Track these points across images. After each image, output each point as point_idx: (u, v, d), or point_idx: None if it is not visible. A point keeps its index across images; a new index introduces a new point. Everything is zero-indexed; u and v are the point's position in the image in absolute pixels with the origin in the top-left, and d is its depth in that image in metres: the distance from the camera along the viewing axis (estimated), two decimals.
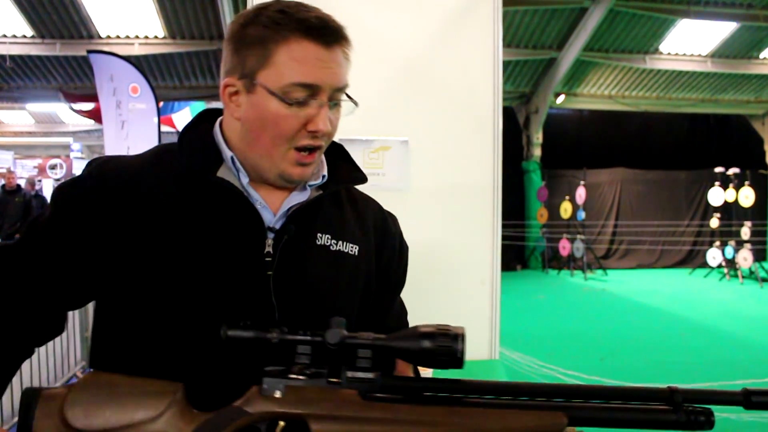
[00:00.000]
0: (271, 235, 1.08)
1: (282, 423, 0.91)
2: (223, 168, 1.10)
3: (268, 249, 1.07)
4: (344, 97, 1.11)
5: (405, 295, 1.37)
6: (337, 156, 1.24)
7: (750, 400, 0.88)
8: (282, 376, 0.91)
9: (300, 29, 1.02)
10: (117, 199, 1.05)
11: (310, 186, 1.14)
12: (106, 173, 1.08)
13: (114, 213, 1.04)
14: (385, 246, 1.25)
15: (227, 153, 1.10)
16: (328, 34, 1.05)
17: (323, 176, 1.16)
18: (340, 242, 1.15)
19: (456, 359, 0.88)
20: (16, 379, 1.09)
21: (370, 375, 0.90)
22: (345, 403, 0.89)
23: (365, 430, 0.88)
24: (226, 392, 0.94)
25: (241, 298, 1.04)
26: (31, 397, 0.92)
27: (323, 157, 1.19)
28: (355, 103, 1.13)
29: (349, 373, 0.90)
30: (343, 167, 1.22)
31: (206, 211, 1.06)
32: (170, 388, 0.94)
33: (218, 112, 1.18)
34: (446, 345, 0.88)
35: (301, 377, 0.91)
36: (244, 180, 1.09)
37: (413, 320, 1.40)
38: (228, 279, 1.04)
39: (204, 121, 1.17)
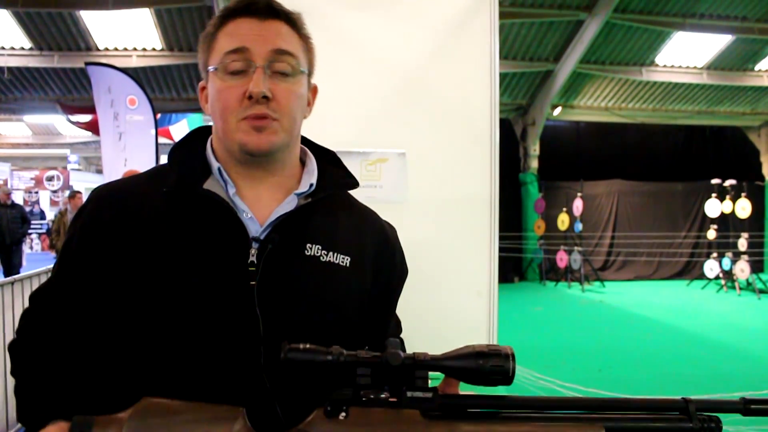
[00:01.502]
0: (255, 245, 1.08)
1: None
2: (210, 180, 1.11)
3: (252, 259, 1.07)
4: (289, 67, 1.10)
5: (403, 306, 1.36)
6: (328, 162, 1.23)
7: (749, 408, 0.96)
8: (345, 398, 0.92)
9: (234, 12, 1.10)
10: (112, 224, 1.08)
11: (297, 195, 1.14)
12: (102, 200, 1.12)
13: (111, 237, 1.07)
14: (383, 258, 1.24)
15: (215, 165, 1.12)
16: (260, 9, 1.10)
17: (311, 185, 1.16)
18: (331, 253, 1.14)
19: (507, 378, 0.93)
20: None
21: (428, 394, 0.92)
22: (408, 423, 0.91)
23: None
24: (287, 415, 0.98)
25: (225, 309, 1.04)
26: (84, 425, 0.90)
27: (313, 165, 1.20)
28: (306, 72, 1.14)
29: (409, 393, 0.92)
30: (333, 173, 1.22)
31: (193, 223, 1.08)
32: (232, 414, 0.92)
33: (209, 131, 1.20)
34: (500, 365, 0.92)
35: (364, 398, 0.92)
36: (231, 191, 1.10)
37: (412, 330, 1.39)
38: (212, 290, 1.05)
39: (195, 138, 1.20)
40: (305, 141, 1.24)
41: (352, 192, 1.27)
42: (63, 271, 1.11)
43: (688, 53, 12.36)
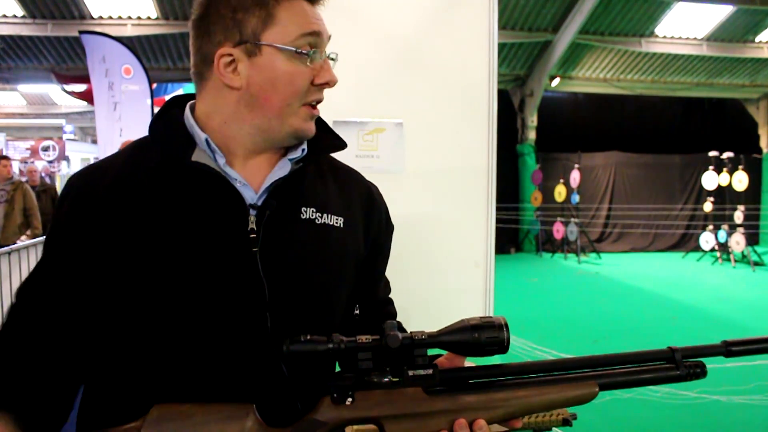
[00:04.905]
0: (253, 212, 1.07)
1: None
2: (197, 151, 1.09)
3: (252, 226, 1.06)
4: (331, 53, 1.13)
5: (401, 276, 1.37)
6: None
7: (731, 350, 1.02)
8: (349, 383, 0.95)
9: None
10: (101, 203, 1.05)
11: (290, 160, 1.14)
12: (86, 181, 1.09)
13: (101, 217, 1.04)
14: (372, 217, 1.25)
15: (201, 135, 1.09)
16: None
17: (302, 149, 1.16)
18: (325, 215, 1.15)
19: (503, 347, 0.96)
20: None
21: (429, 371, 0.96)
22: (412, 400, 0.95)
23: (434, 422, 0.95)
24: (296, 405, 1.00)
25: (229, 278, 1.04)
26: None
27: None
28: (334, 59, 1.15)
29: (410, 372, 0.96)
30: (321, 137, 1.21)
31: (186, 196, 1.06)
32: (243, 411, 0.95)
33: (186, 98, 1.17)
34: (495, 335, 0.96)
35: (367, 381, 0.96)
36: (221, 161, 1.09)
37: (408, 301, 1.40)
38: (215, 260, 1.04)
39: (172, 107, 1.16)
40: None
41: (343, 158, 1.27)
42: (58, 258, 1.07)
43: (688, 24, 12.25)
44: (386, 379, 0.96)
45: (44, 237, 1.17)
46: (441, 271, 2.68)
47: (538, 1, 11.54)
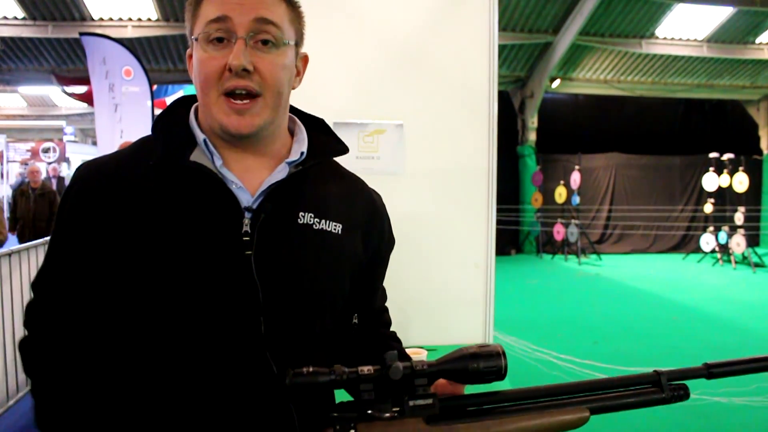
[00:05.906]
0: (248, 215, 1.07)
1: None
2: (197, 152, 1.09)
3: (246, 229, 1.06)
4: (272, 37, 1.06)
5: (401, 277, 1.37)
6: (317, 130, 1.22)
7: (712, 372, 1.05)
8: (353, 416, 0.97)
9: None
10: (102, 197, 1.06)
11: (288, 163, 1.13)
12: (90, 176, 1.09)
13: (102, 211, 1.05)
14: (373, 227, 1.24)
15: (200, 136, 1.10)
16: None
17: (302, 153, 1.15)
18: (323, 221, 1.13)
19: (500, 374, 0.98)
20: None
21: (429, 401, 0.98)
22: (413, 430, 0.97)
23: None
24: (290, 410, 1.02)
25: (223, 280, 1.04)
26: None
27: (303, 134, 1.18)
28: (292, 43, 1.10)
29: (411, 402, 0.97)
30: (323, 140, 1.21)
31: (183, 196, 1.06)
32: None
33: (194, 99, 1.17)
34: (493, 364, 0.98)
35: (369, 415, 0.97)
36: (218, 162, 1.08)
37: (409, 302, 1.40)
38: (208, 261, 1.04)
39: (179, 107, 1.17)
40: (293, 110, 1.22)
41: (344, 160, 1.26)
42: (62, 255, 1.08)
43: (688, 26, 12.26)
44: (387, 414, 0.97)
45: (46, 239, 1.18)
46: (441, 272, 2.67)
47: (539, 3, 11.55)
